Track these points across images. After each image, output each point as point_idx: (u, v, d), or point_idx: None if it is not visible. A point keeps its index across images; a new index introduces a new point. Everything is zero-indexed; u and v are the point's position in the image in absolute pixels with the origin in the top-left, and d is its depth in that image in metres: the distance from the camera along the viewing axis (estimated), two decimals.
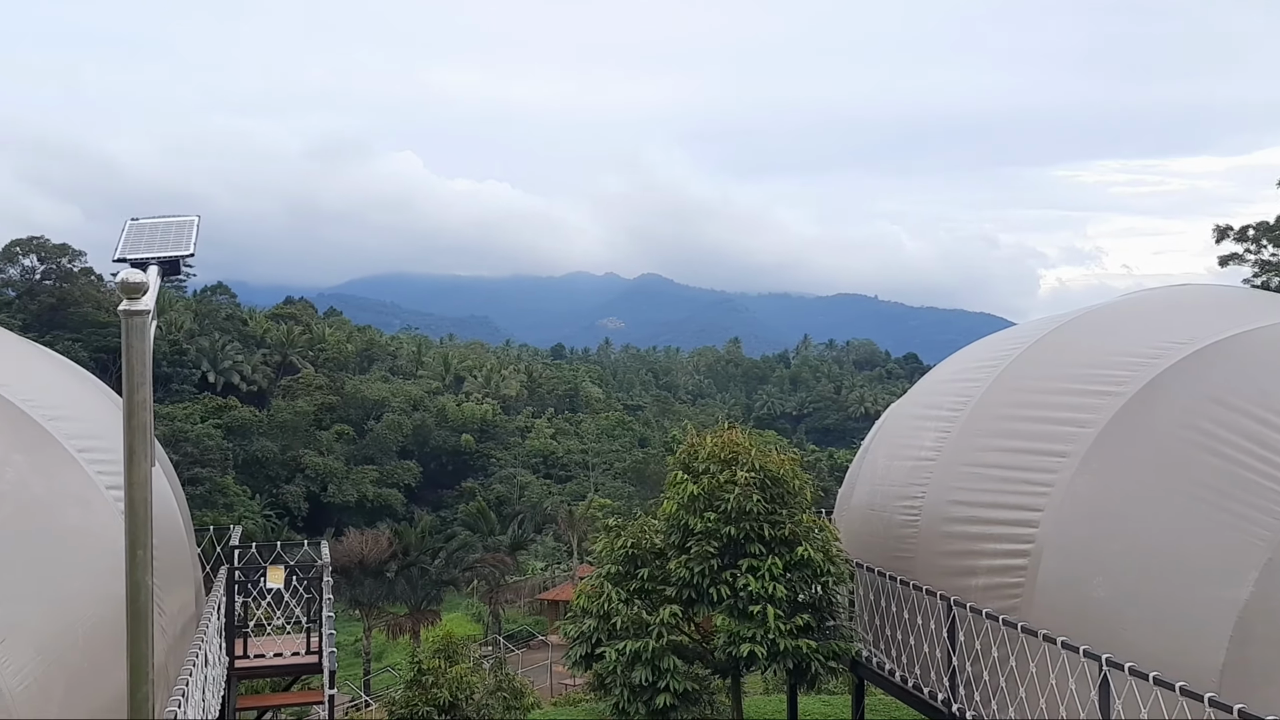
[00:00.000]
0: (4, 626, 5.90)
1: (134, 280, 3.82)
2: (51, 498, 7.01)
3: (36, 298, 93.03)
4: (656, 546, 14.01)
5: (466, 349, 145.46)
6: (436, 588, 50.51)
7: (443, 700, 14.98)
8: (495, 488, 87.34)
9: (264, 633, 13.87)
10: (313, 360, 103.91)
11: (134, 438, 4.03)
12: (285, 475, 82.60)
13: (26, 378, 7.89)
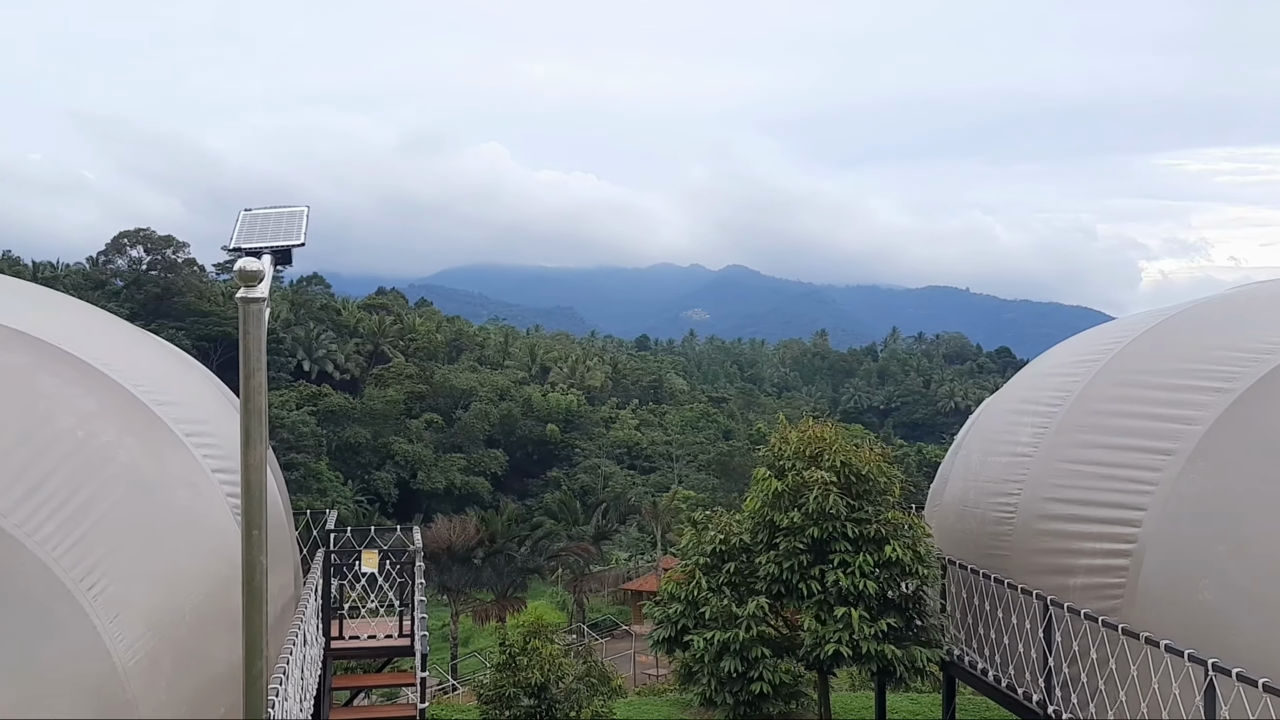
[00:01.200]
0: (117, 603, 6.12)
1: (251, 268, 3.92)
2: (161, 480, 7.26)
3: (143, 287, 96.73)
4: (744, 542, 13.94)
5: (552, 340, 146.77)
6: (522, 575, 51.13)
7: (533, 681, 15.15)
8: (580, 478, 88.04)
9: (358, 615, 14.20)
10: (403, 350, 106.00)
11: (250, 421, 4.14)
12: (376, 462, 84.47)
13: (138, 364, 8.19)
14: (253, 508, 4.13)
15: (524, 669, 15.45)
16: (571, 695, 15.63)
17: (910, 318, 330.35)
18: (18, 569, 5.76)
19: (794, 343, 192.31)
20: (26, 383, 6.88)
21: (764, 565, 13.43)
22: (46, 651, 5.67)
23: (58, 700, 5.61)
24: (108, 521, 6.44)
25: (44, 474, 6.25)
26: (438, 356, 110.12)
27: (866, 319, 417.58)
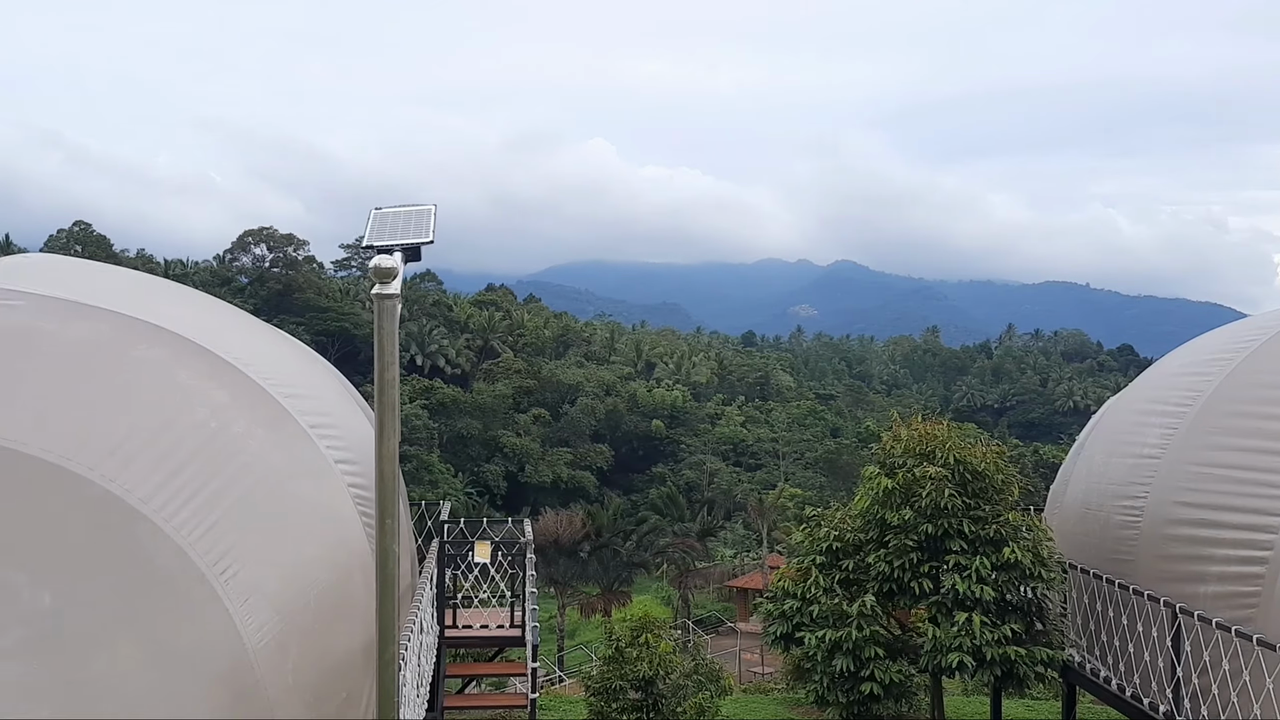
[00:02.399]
0: (247, 587, 6.35)
1: (386, 265, 4.02)
2: (288, 470, 7.51)
3: (266, 284, 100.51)
4: (857, 540, 13.74)
5: (658, 336, 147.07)
6: (627, 569, 51.44)
7: (641, 675, 15.23)
8: (685, 473, 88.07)
9: (471, 605, 14.48)
10: (512, 345, 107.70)
11: (384, 413, 4.25)
12: (485, 455, 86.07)
13: (267, 358, 8.50)
14: (386, 497, 4.24)
15: (631, 662, 15.53)
16: (679, 691, 15.65)
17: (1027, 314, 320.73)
18: (156, 553, 6.02)
19: (904, 339, 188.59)
20: (165, 376, 7.20)
21: (875, 564, 13.22)
22: (183, 632, 5.91)
23: (193, 680, 5.85)
24: (238, 509, 6.68)
25: (180, 463, 6.52)
26: (545, 352, 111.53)
27: (980, 315, 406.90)
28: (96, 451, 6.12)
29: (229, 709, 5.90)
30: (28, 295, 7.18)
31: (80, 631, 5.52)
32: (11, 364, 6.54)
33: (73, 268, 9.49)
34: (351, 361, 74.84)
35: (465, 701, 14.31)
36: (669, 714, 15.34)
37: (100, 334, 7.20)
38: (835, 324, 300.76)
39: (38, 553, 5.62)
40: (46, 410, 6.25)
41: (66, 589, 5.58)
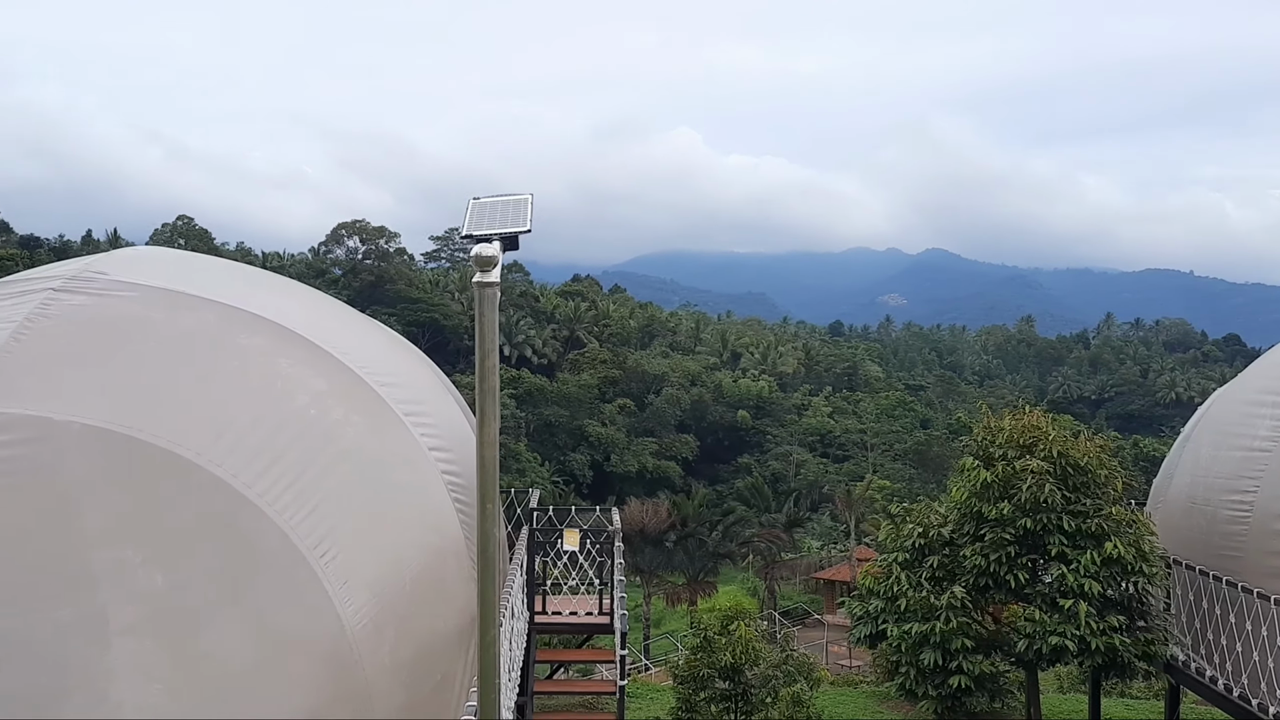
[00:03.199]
0: (345, 570, 6.51)
1: (486, 254, 4.06)
2: (384, 457, 7.67)
3: (358, 275, 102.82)
4: (945, 536, 13.48)
5: (744, 325, 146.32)
6: (713, 560, 51.38)
7: (725, 663, 15.21)
8: (771, 464, 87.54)
9: (560, 592, 14.62)
10: (597, 335, 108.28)
11: (485, 400, 4.30)
12: (571, 444, 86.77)
13: (363, 347, 8.68)
14: (486, 482, 4.30)
15: (718, 651, 15.52)
16: (767, 682, 15.58)
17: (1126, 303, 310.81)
18: (260, 536, 6.21)
19: (997, 329, 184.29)
20: (267, 364, 7.41)
21: (969, 557, 12.97)
22: (286, 613, 6.09)
23: (295, 658, 6.02)
24: (337, 494, 6.85)
25: (281, 449, 6.70)
26: (630, 342, 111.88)
27: (1077, 304, 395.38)
28: (204, 437, 6.33)
29: (329, 687, 6.06)
30: (139, 286, 7.45)
31: (190, 609, 5.73)
32: (126, 353, 6.80)
33: (178, 260, 9.82)
34: (441, 352, 76.15)
35: (554, 687, 14.46)
36: (758, 704, 15.29)
37: (206, 324, 7.44)
38: (925, 313, 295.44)
39: (150, 534, 5.84)
40: (158, 397, 6.49)
41: (176, 569, 5.79)
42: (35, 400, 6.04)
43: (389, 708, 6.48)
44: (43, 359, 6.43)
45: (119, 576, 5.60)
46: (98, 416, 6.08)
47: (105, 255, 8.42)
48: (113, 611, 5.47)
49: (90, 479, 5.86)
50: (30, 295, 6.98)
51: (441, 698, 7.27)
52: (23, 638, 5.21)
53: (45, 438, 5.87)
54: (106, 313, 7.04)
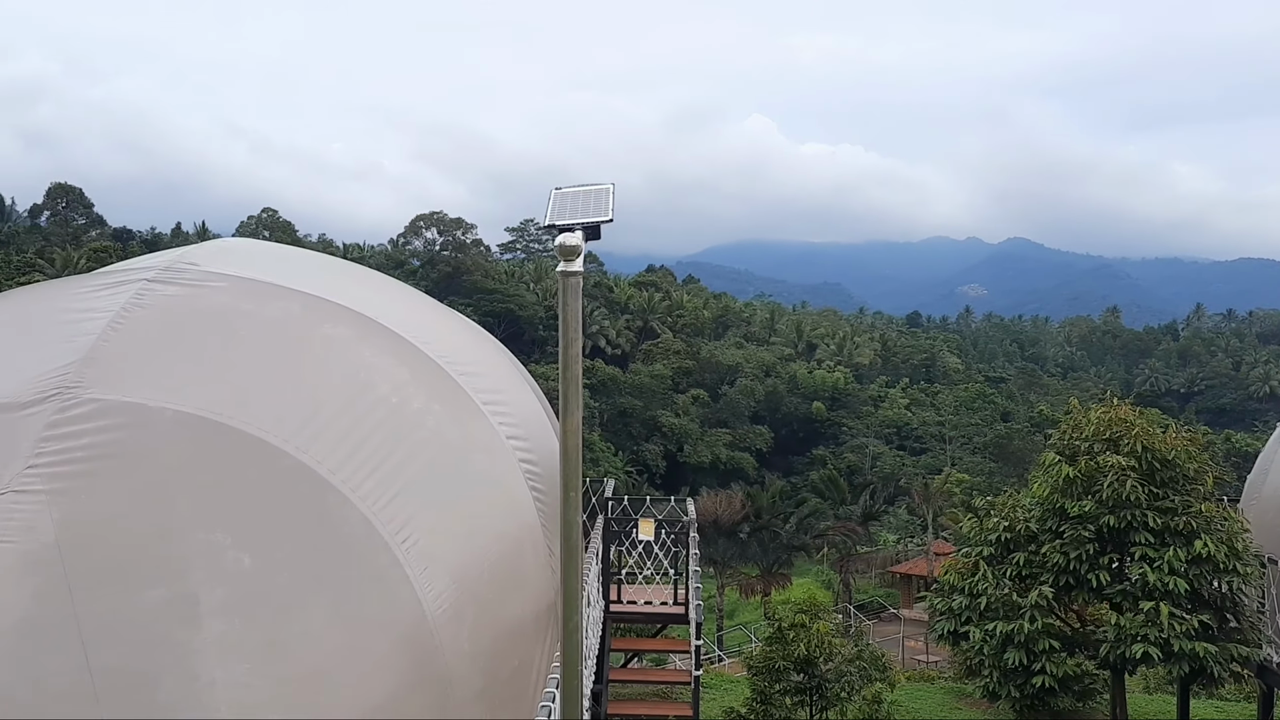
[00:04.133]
0: (426, 557, 6.60)
1: (570, 244, 4.09)
2: (463, 445, 7.76)
3: (436, 266, 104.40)
4: (1030, 530, 13.20)
5: (819, 316, 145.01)
6: (787, 552, 51.16)
7: (799, 656, 15.13)
8: (846, 456, 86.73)
9: (635, 581, 14.68)
10: (671, 326, 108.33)
11: (568, 388, 4.34)
12: (644, 434, 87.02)
13: (442, 337, 8.79)
14: (570, 470, 4.33)
15: (792, 643, 15.44)
16: (842, 676, 15.46)
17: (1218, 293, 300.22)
18: (343, 521, 6.33)
19: (1081, 320, 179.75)
20: (350, 353, 7.55)
21: (1050, 554, 12.69)
22: (368, 597, 6.21)
23: (377, 643, 6.13)
24: (418, 481, 6.95)
25: (364, 436, 6.82)
26: (704, 333, 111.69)
27: (1166, 295, 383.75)
28: (290, 424, 6.47)
29: (411, 671, 6.16)
30: (228, 277, 7.65)
31: (276, 591, 5.87)
32: (216, 342, 6.99)
33: (265, 251, 10.06)
34: (516, 342, 76.92)
35: (629, 675, 14.53)
36: (832, 698, 15.18)
37: (292, 313, 7.61)
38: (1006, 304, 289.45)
39: (239, 518, 6.00)
40: (247, 385, 6.66)
41: (264, 552, 5.94)
42: (131, 387, 6.24)
43: (468, 693, 6.57)
44: (137, 347, 6.64)
45: (210, 559, 5.76)
46: (190, 404, 6.26)
47: (196, 247, 8.65)
48: (204, 593, 5.63)
49: (182, 464, 6.04)
50: (126, 286, 7.21)
51: (519, 684, 7.35)
52: (122, 616, 5.40)
53: (140, 424, 6.06)
54: (198, 303, 7.24)
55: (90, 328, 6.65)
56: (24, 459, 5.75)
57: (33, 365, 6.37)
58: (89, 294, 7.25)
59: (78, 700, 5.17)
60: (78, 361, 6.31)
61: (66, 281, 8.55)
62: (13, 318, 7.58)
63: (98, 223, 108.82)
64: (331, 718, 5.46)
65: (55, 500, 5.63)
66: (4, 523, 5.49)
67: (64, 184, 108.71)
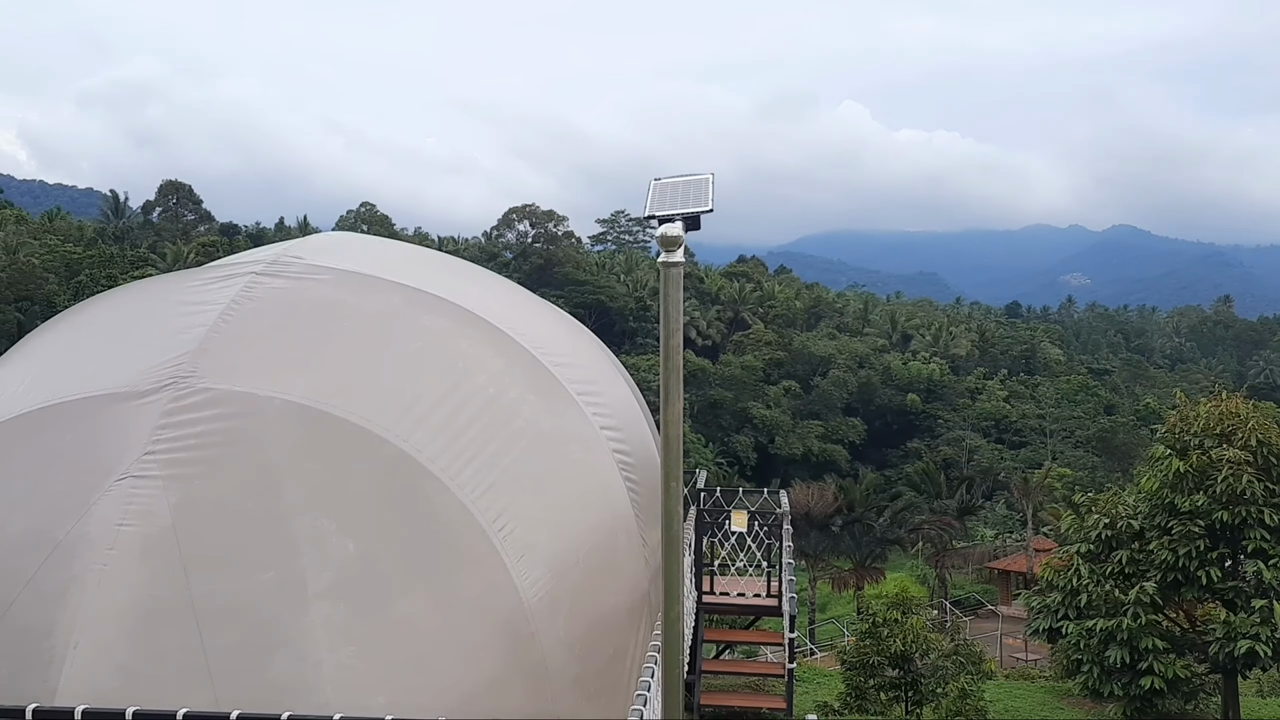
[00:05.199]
0: (522, 545, 6.69)
1: (672, 234, 4.11)
2: (558, 435, 7.84)
3: (528, 259, 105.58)
4: (1134, 528, 12.77)
5: (914, 306, 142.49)
6: (881, 545, 50.51)
7: (894, 650, 14.92)
8: (942, 449, 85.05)
9: (727, 573, 14.65)
10: (762, 317, 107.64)
11: (669, 379, 4.36)
12: (735, 426, 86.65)
13: (537, 328, 8.88)
14: (671, 460, 4.36)
15: (887, 638, 15.23)
16: (937, 671, 15.20)
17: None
18: (443, 509, 6.46)
19: (1191, 310, 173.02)
20: (448, 344, 7.69)
21: (1157, 551, 12.27)
22: (466, 584, 6.33)
23: (474, 628, 6.25)
24: (514, 471, 7.04)
25: (462, 426, 6.94)
26: (796, 323, 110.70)
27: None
28: (391, 414, 6.63)
29: (509, 657, 6.26)
30: (332, 270, 7.85)
31: (379, 576, 6.03)
32: (321, 333, 7.19)
33: (366, 245, 10.30)
34: (606, 333, 77.36)
35: (721, 667, 14.52)
36: (927, 694, 14.94)
37: (393, 305, 7.78)
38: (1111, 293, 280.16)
39: (343, 504, 6.17)
40: (350, 375, 6.84)
41: (367, 538, 6.10)
42: (242, 377, 6.46)
43: (564, 680, 6.65)
44: (247, 338, 6.87)
45: (316, 543, 5.94)
46: (296, 393, 6.46)
47: (301, 241, 8.91)
48: (311, 576, 5.81)
49: (290, 452, 6.23)
50: (235, 279, 7.46)
51: (614, 672, 7.40)
52: (236, 598, 5.61)
53: (251, 412, 6.27)
54: (303, 295, 7.45)
55: (202, 319, 6.90)
56: (142, 446, 6.00)
57: (149, 356, 6.65)
58: (201, 287, 7.53)
59: (193, 677, 5.39)
60: (191, 352, 6.56)
61: (179, 275, 8.90)
62: (131, 310, 7.92)
63: (206, 218, 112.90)
64: (431, 700, 5.58)
65: (171, 485, 5.87)
66: (124, 507, 5.75)
67: (175, 181, 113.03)
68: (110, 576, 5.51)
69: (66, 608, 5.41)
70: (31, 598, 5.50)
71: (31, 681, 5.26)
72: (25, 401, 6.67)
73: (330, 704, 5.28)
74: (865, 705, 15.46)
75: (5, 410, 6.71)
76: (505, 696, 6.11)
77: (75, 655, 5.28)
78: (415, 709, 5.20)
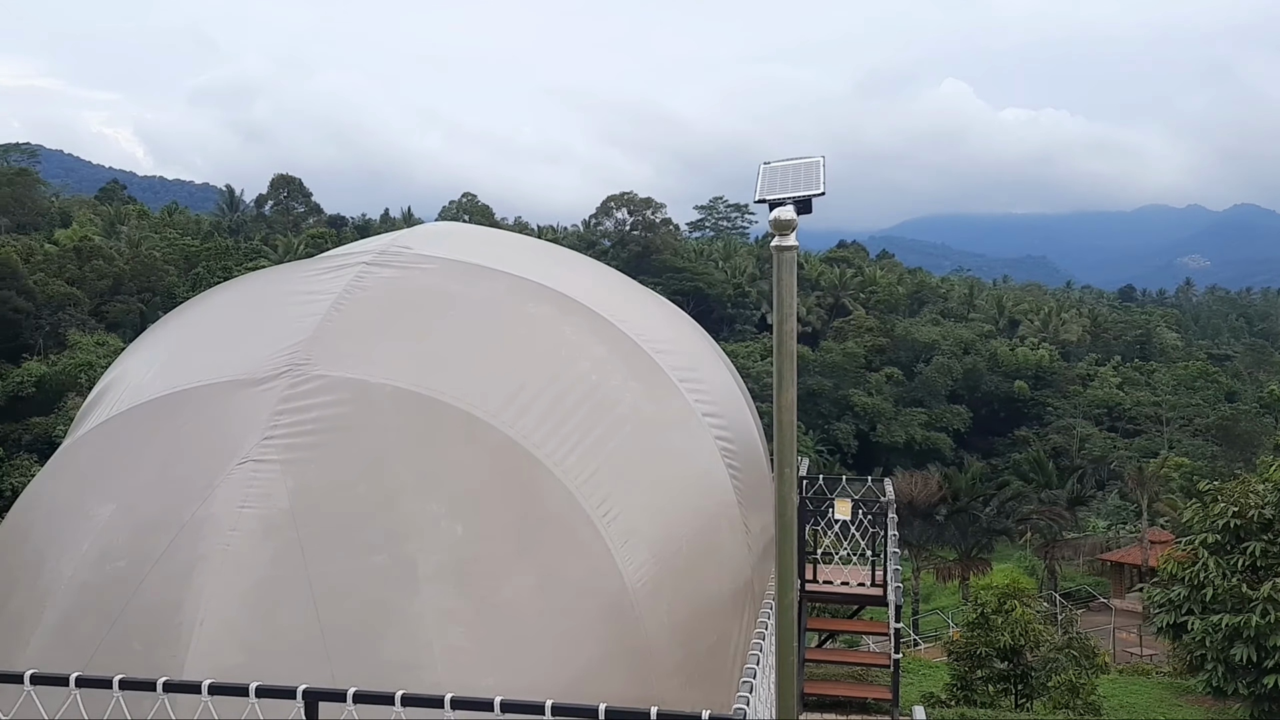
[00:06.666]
0: (626, 530, 6.73)
1: (785, 218, 4.08)
2: (660, 421, 7.84)
3: (626, 246, 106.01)
4: (1264, 517, 12.19)
5: (1022, 291, 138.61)
6: (987, 536, 49.41)
7: (1004, 644, 14.57)
8: (1051, 438, 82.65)
9: (830, 561, 14.49)
10: (863, 302, 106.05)
11: (783, 364, 4.34)
12: (835, 413, 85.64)
13: (638, 315, 8.90)
14: (785, 446, 4.33)
15: (996, 630, 14.88)
16: (1049, 664, 14.79)
17: None
18: (548, 494, 6.54)
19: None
20: (551, 331, 7.77)
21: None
22: (571, 568, 6.39)
23: (580, 611, 6.31)
24: (617, 457, 7.08)
25: (566, 412, 7.01)
26: (898, 309, 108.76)
27: None
28: (497, 400, 6.72)
29: (613, 641, 6.31)
30: (439, 260, 8.00)
31: (486, 560, 6.13)
32: (429, 321, 7.34)
33: (471, 234, 10.47)
34: (704, 320, 77.06)
35: (824, 655, 14.39)
36: (1037, 687, 14.55)
37: (498, 293, 7.89)
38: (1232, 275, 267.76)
39: (451, 489, 6.30)
40: (457, 362, 6.96)
41: (475, 522, 6.21)
42: (354, 365, 6.63)
43: (668, 664, 6.67)
44: (358, 327, 7.05)
45: (425, 527, 6.07)
46: (406, 380, 6.61)
47: (409, 231, 9.10)
48: (420, 559, 5.94)
49: (400, 437, 6.38)
50: (346, 269, 7.66)
51: (717, 658, 7.40)
52: (349, 579, 5.77)
53: (362, 399, 6.44)
54: (412, 284, 7.61)
55: (316, 308, 7.11)
56: (261, 430, 6.22)
57: (266, 344, 6.88)
58: (314, 277, 7.75)
59: (311, 654, 5.57)
60: (306, 340, 6.76)
61: (294, 266, 9.18)
62: (248, 300, 8.21)
63: (315, 210, 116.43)
64: (538, 683, 5.65)
65: (289, 469, 6.07)
66: (245, 490, 5.96)
67: (285, 175, 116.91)
68: (233, 556, 5.73)
69: (193, 586, 5.64)
70: (161, 575, 5.75)
71: (161, 655, 5.50)
72: (153, 389, 6.98)
73: (441, 684, 5.39)
74: (972, 697, 15.13)
75: (135, 397, 7.03)
76: (610, 680, 6.16)
77: (201, 631, 5.51)
78: (522, 691, 5.28)
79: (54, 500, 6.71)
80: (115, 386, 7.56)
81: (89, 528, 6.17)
